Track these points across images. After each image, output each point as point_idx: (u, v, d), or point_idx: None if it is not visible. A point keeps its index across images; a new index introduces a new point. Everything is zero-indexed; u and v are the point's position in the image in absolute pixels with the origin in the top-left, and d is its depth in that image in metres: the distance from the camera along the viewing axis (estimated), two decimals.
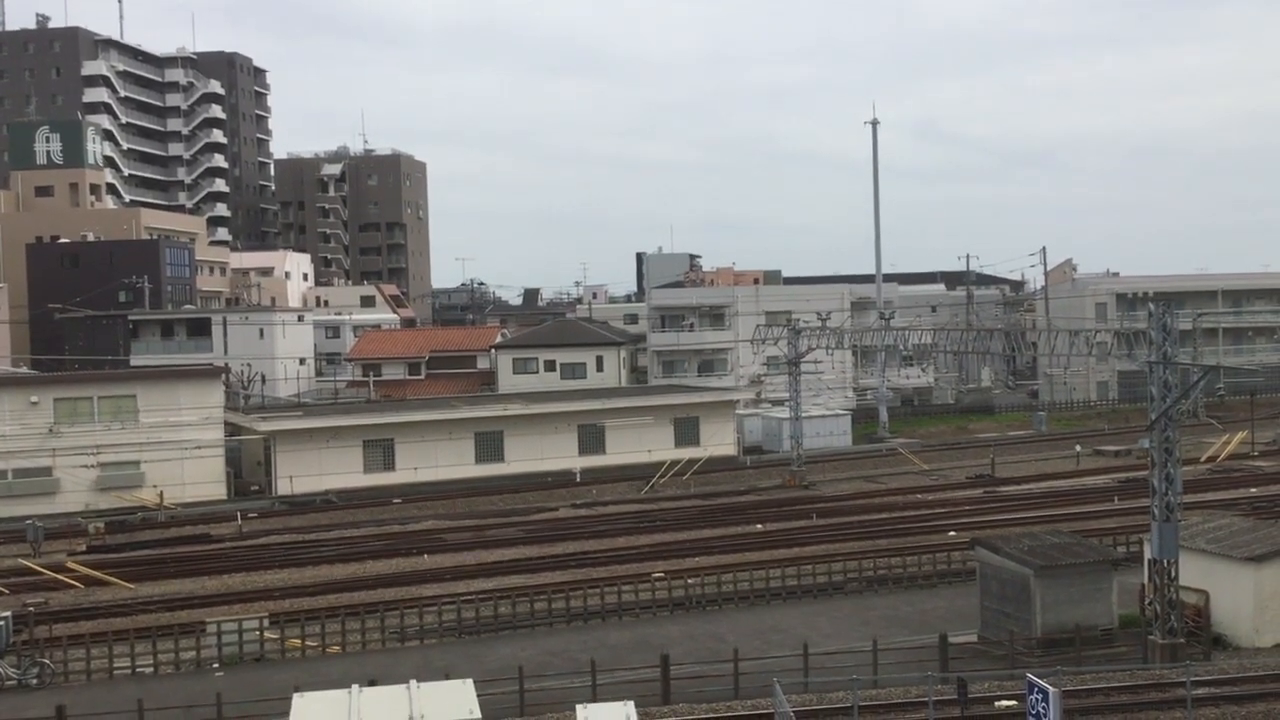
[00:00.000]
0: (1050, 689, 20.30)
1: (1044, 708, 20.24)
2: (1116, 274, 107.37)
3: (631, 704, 22.53)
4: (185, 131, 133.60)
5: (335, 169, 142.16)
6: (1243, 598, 31.07)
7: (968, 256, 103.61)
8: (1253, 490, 52.53)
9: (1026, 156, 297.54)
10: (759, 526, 49.32)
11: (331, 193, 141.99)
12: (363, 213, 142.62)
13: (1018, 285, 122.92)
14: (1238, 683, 27.12)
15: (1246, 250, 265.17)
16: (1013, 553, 31.31)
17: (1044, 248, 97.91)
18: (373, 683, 23.16)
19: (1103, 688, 26.95)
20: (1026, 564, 30.59)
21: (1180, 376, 29.44)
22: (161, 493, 57.56)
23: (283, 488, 59.43)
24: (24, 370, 73.86)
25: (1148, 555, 30.76)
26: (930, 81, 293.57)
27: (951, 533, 45.60)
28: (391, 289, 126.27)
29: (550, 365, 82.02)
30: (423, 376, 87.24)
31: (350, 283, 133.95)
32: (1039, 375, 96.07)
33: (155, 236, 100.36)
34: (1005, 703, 25.89)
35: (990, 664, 29.31)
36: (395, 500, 57.94)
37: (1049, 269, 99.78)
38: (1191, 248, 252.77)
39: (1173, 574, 29.44)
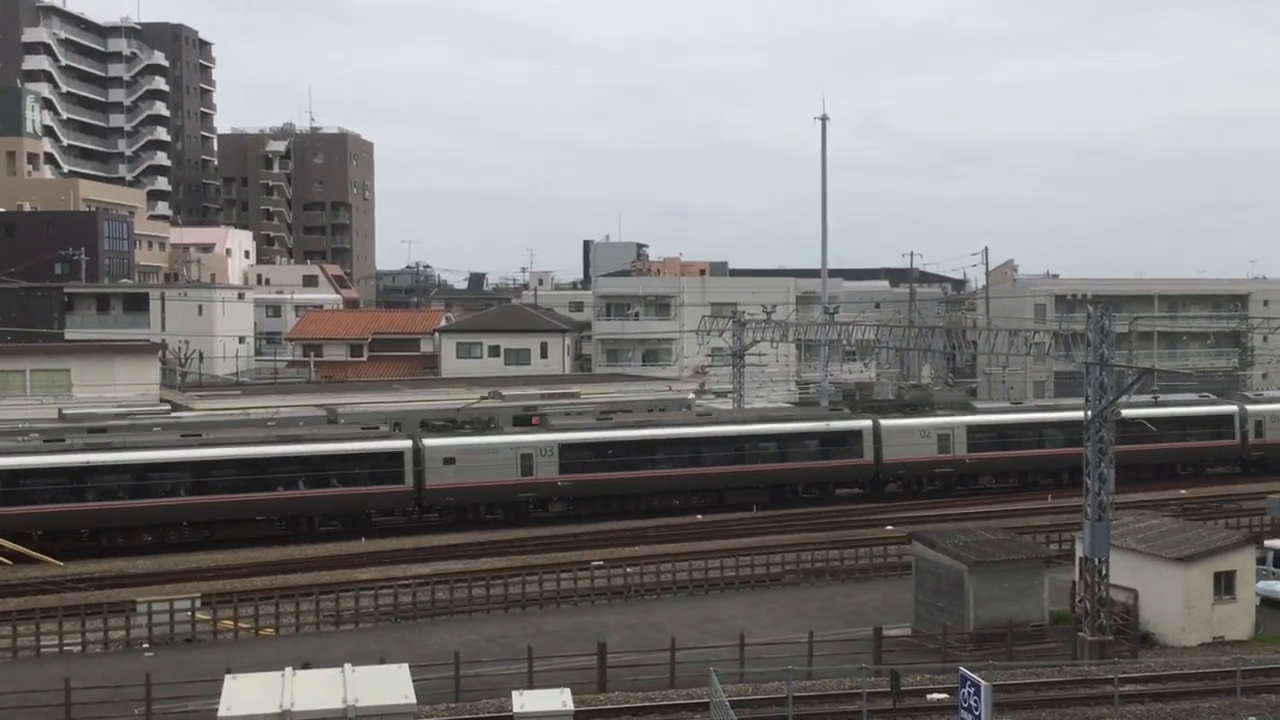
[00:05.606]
0: (982, 682, 20.58)
1: (975, 701, 20.52)
2: (1056, 275, 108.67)
3: (568, 691, 22.58)
4: (127, 103, 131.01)
5: (280, 146, 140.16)
6: (1171, 597, 31.71)
7: (911, 254, 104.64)
8: (1182, 492, 53.53)
9: (969, 154, 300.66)
10: (698, 517, 49.49)
11: (276, 170, 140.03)
12: (307, 191, 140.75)
13: (959, 284, 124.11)
14: (1163, 680, 27.69)
15: (1182, 255, 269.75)
16: (948, 548, 31.69)
17: (986, 248, 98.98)
18: (306, 666, 22.95)
19: (1033, 683, 27.40)
20: (961, 559, 30.98)
21: (1116, 378, 29.95)
22: None
23: None
24: None
25: (1079, 553, 31.28)
26: (875, 76, 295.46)
27: (889, 527, 46.05)
28: (335, 269, 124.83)
29: (494, 350, 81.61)
30: (365, 358, 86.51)
31: (293, 262, 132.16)
32: (978, 373, 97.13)
33: (93, 208, 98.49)
34: (937, 695, 26.24)
35: (923, 657, 29.64)
36: None
37: (990, 269, 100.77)
38: (1130, 251, 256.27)
39: (1103, 572, 29.95)
